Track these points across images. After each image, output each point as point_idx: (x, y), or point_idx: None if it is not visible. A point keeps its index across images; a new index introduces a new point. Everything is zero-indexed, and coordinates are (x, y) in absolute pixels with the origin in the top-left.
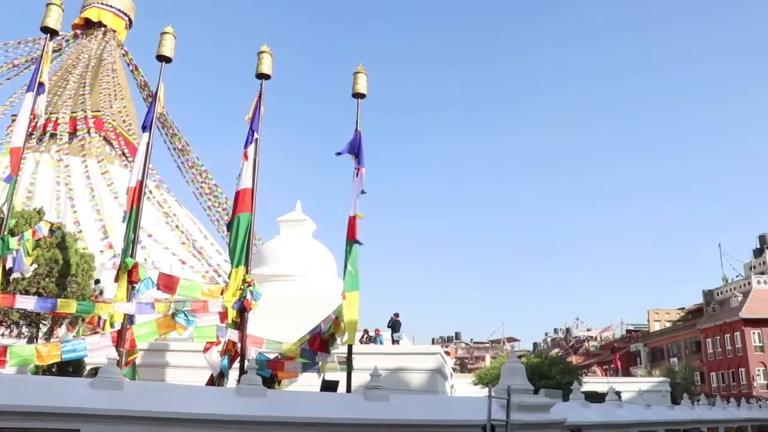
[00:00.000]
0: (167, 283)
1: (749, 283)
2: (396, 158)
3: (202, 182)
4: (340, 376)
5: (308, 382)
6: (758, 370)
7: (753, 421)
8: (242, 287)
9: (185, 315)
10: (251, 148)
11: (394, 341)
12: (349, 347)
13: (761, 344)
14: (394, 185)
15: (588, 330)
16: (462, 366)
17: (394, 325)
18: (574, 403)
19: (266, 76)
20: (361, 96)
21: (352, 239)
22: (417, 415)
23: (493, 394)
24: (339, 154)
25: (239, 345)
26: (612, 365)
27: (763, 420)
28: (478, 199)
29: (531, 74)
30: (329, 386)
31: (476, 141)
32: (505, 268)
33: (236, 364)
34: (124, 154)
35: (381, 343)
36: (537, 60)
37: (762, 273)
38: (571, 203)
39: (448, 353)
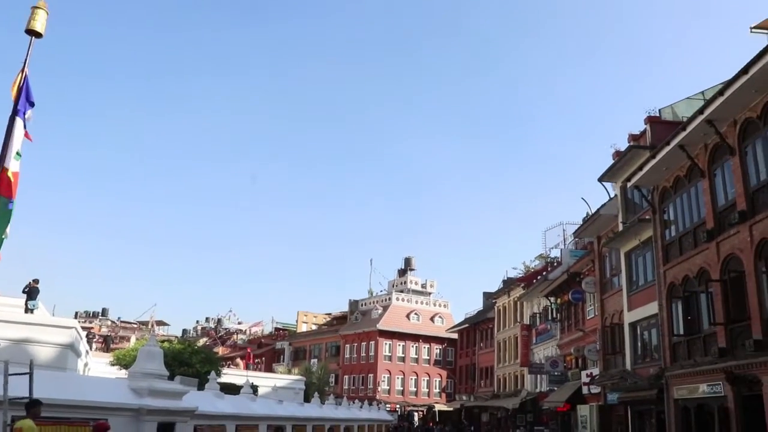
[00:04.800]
0: None
1: (390, 299)
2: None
3: None
4: None
5: None
6: (384, 377)
7: (371, 421)
8: None
9: None
10: None
11: (28, 309)
12: None
13: (390, 354)
14: (56, 146)
15: (239, 323)
16: (106, 344)
17: (31, 292)
18: (208, 392)
19: None
20: (37, 35)
21: (6, 197)
22: (38, 393)
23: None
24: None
25: None
26: (245, 359)
27: (380, 421)
28: (148, 179)
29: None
30: None
31: (165, 117)
32: (165, 251)
33: None
34: None
35: None
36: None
37: (402, 291)
38: (241, 196)
39: (91, 329)
